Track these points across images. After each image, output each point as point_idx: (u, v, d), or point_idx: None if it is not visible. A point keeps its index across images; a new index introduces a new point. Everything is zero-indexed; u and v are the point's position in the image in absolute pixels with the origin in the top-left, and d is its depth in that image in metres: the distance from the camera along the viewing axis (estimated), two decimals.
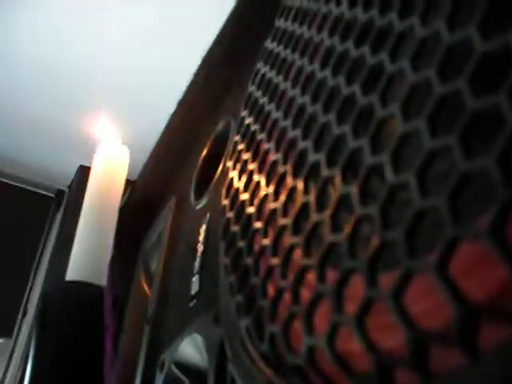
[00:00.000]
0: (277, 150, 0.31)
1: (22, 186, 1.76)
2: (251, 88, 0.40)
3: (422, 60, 0.21)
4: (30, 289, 1.58)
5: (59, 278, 0.71)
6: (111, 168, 0.72)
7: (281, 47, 0.37)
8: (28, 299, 1.56)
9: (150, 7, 1.16)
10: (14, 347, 1.47)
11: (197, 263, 0.52)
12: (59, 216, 1.68)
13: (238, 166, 0.36)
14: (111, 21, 1.20)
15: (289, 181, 0.28)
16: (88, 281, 0.62)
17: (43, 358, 0.56)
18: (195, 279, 0.51)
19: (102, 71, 1.31)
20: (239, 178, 0.35)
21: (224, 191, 0.37)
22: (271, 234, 0.28)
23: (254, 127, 0.36)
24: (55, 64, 1.33)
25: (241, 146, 0.37)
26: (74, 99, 1.38)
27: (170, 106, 0.78)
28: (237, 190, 0.35)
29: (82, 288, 0.61)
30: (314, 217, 0.24)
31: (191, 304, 0.51)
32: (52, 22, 1.23)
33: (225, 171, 0.39)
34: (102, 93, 1.30)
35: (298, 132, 0.29)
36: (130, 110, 1.28)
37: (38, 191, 1.78)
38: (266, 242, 0.28)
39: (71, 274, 0.63)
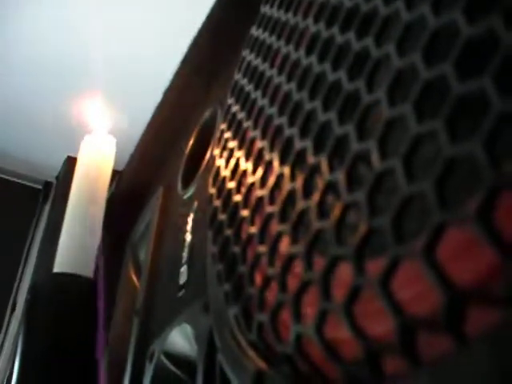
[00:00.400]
0: (263, 138, 0.30)
1: (8, 178, 1.75)
2: (237, 76, 0.39)
3: (408, 45, 0.21)
4: (19, 283, 1.58)
5: (48, 271, 0.70)
6: (97, 158, 0.72)
7: (266, 34, 0.37)
8: (17, 293, 1.56)
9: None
10: (3, 342, 1.47)
11: (185, 253, 0.52)
12: (47, 208, 1.68)
13: (225, 154, 0.36)
14: (99, 12, 1.20)
15: (275, 168, 0.28)
16: (76, 272, 0.61)
17: (31, 350, 0.56)
18: (183, 269, 0.51)
19: (88, 62, 1.30)
20: (226, 166, 0.35)
21: (211, 180, 0.37)
22: (258, 221, 0.28)
23: (240, 115, 0.36)
24: (41, 56, 1.32)
25: (227, 134, 0.37)
26: (60, 90, 1.37)
27: (157, 96, 0.77)
28: (224, 178, 0.35)
29: (70, 280, 0.61)
30: (300, 204, 0.24)
31: (180, 294, 0.51)
32: (34, 15, 1.22)
33: (212, 160, 0.39)
34: (88, 83, 1.29)
35: (283, 119, 0.28)
36: (117, 99, 1.27)
37: (26, 183, 1.77)
38: (253, 229, 0.28)
39: (59, 266, 0.63)
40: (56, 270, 0.62)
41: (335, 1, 0.28)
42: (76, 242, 0.65)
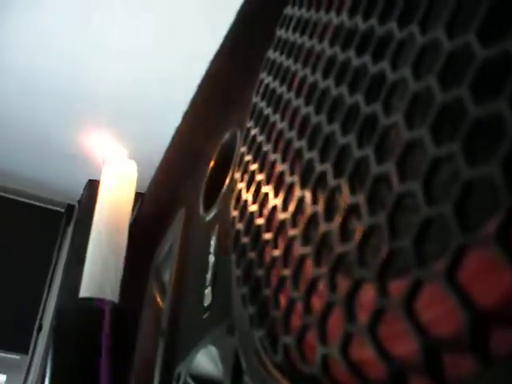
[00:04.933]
0: (283, 161, 0.31)
1: (31, 202, 1.77)
2: (255, 99, 0.40)
3: (423, 67, 0.21)
4: (45, 304, 1.59)
5: (73, 292, 0.71)
6: (120, 182, 0.73)
7: (283, 57, 0.37)
8: (43, 315, 1.57)
9: (151, 23, 1.17)
10: (30, 363, 1.48)
11: (209, 275, 0.52)
12: (70, 230, 1.69)
13: (246, 178, 0.36)
14: (114, 38, 1.21)
15: (297, 191, 0.28)
16: (101, 297, 0.62)
17: (60, 376, 0.57)
18: (208, 291, 0.51)
19: (109, 87, 1.32)
20: (247, 189, 0.35)
21: (233, 203, 0.37)
22: (281, 244, 0.28)
23: (259, 138, 0.36)
24: (61, 81, 1.34)
25: (248, 158, 0.37)
26: (80, 115, 1.39)
27: (177, 118, 0.78)
28: (245, 201, 0.35)
29: (95, 305, 0.61)
30: (323, 227, 0.24)
31: (205, 316, 0.51)
32: (53, 41, 1.24)
33: (233, 182, 0.39)
34: (109, 108, 1.31)
35: (303, 142, 0.29)
36: (137, 123, 1.28)
37: (48, 207, 1.79)
38: (277, 253, 0.28)
39: (84, 291, 0.63)
40: (82, 295, 0.63)
41: (350, 24, 0.28)
42: (101, 266, 0.65)
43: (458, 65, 0.19)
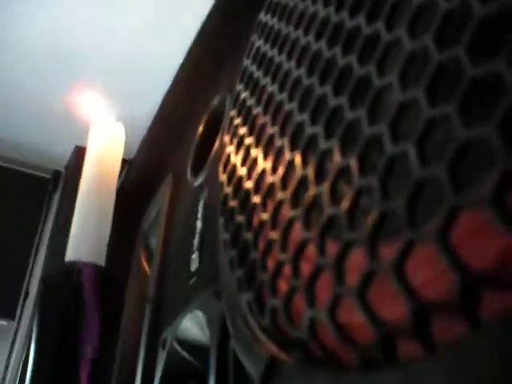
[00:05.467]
0: (273, 124, 0.30)
1: (17, 168, 1.75)
2: (246, 62, 0.39)
3: (419, 27, 0.20)
4: (31, 271, 1.59)
5: (59, 258, 0.71)
6: (107, 147, 0.72)
7: (275, 19, 0.37)
8: (29, 281, 1.57)
9: None
10: (17, 329, 1.48)
11: (196, 240, 0.52)
12: (57, 197, 1.68)
13: (235, 141, 0.36)
14: (104, 2, 1.19)
15: (286, 154, 0.27)
16: (88, 261, 0.62)
17: (46, 340, 0.57)
18: (195, 256, 0.51)
19: (96, 51, 1.30)
20: (236, 153, 0.35)
21: (221, 167, 0.37)
22: (270, 208, 0.28)
23: (249, 101, 0.35)
24: (48, 45, 1.32)
25: (237, 121, 0.37)
26: (68, 79, 1.37)
27: (166, 83, 0.77)
28: (234, 165, 0.35)
29: (82, 268, 0.61)
30: (312, 189, 0.24)
31: (191, 281, 0.51)
32: (47, 9, 1.22)
33: (222, 147, 0.39)
34: (97, 72, 1.29)
35: (294, 105, 0.28)
36: (125, 88, 1.27)
37: (35, 173, 1.77)
38: (265, 216, 0.28)
39: (71, 255, 0.63)
40: (68, 258, 0.62)
41: None
42: (87, 231, 0.65)
43: (455, 24, 0.18)
